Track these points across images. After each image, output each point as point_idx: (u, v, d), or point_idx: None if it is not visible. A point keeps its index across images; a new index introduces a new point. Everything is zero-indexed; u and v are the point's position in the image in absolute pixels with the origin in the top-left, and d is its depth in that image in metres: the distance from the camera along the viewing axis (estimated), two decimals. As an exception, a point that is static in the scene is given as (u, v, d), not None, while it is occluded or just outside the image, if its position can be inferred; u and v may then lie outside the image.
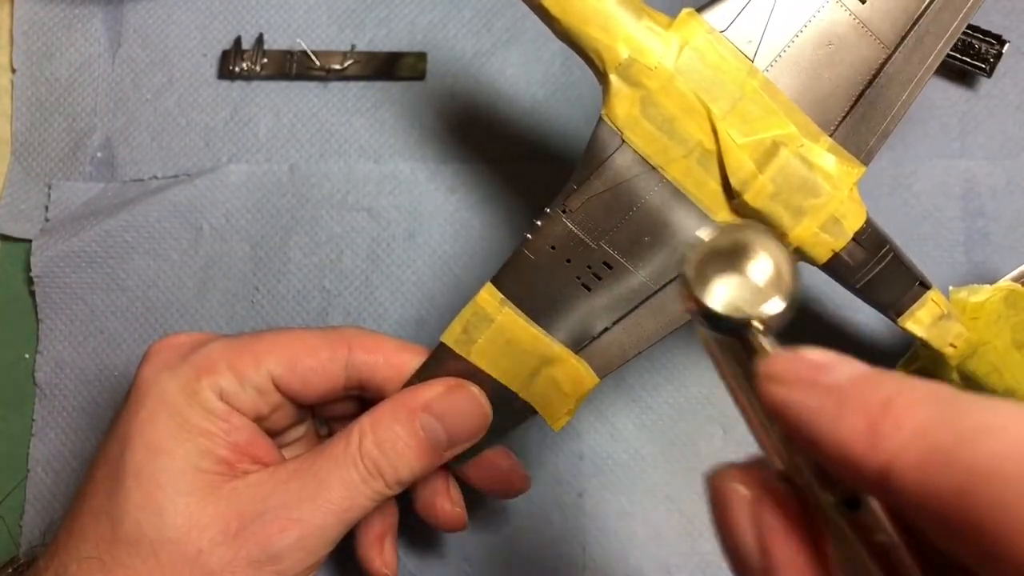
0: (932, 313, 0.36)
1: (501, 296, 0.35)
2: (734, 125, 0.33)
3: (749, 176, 0.33)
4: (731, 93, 0.33)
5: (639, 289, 0.34)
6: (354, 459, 0.34)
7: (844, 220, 0.33)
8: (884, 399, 0.19)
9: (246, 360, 0.35)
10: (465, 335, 0.35)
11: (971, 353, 0.37)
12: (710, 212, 0.34)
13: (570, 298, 0.35)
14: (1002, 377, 0.38)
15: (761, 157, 0.33)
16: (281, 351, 0.36)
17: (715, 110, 0.32)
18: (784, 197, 0.33)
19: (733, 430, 0.46)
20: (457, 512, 0.39)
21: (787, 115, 0.33)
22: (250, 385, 0.35)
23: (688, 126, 0.33)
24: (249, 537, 0.33)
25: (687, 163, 0.33)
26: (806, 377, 0.20)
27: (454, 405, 0.35)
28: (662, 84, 0.32)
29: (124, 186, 0.51)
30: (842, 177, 0.33)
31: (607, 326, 0.35)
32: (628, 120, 0.33)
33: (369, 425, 0.35)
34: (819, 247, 0.34)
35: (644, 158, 0.33)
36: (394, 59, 0.51)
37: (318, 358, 0.36)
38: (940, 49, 0.34)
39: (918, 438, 0.18)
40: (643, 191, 0.34)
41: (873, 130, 0.34)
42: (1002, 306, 0.38)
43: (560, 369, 0.35)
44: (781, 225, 0.33)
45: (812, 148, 0.33)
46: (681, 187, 0.33)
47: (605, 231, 0.34)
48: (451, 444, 0.35)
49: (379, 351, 0.37)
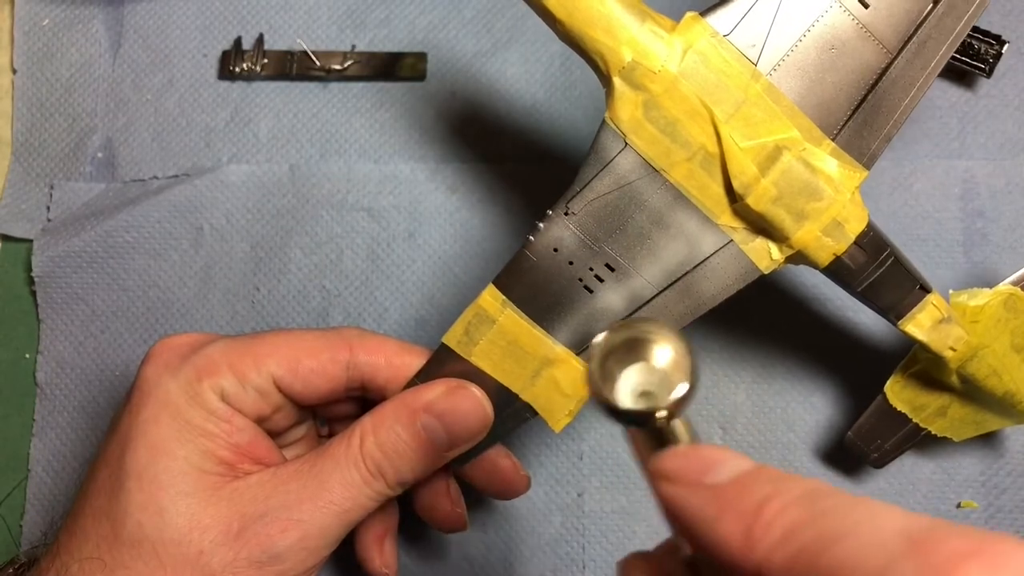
0: (932, 317, 0.36)
1: (503, 298, 0.35)
2: (737, 129, 0.33)
3: (752, 180, 0.33)
4: (734, 97, 0.33)
5: (641, 291, 0.34)
6: (356, 460, 0.34)
7: (846, 224, 0.34)
8: (759, 500, 0.20)
9: (247, 361, 0.35)
10: (467, 336, 0.35)
11: (971, 356, 0.37)
12: (712, 215, 0.34)
13: (572, 300, 0.35)
14: (1001, 379, 0.38)
15: (764, 161, 0.33)
16: (282, 352, 0.36)
17: (718, 114, 0.33)
18: (786, 201, 0.33)
19: (733, 430, 0.46)
20: (457, 513, 0.40)
21: (790, 119, 0.33)
22: (251, 386, 0.35)
23: (691, 129, 0.33)
24: (251, 538, 0.33)
25: (690, 166, 0.33)
26: (692, 477, 0.22)
27: (455, 406, 0.35)
28: (665, 88, 0.33)
29: (125, 186, 0.51)
30: (844, 181, 0.33)
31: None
32: (631, 123, 0.33)
33: (371, 426, 0.35)
34: (821, 251, 0.34)
35: (647, 161, 0.33)
36: (394, 59, 0.51)
37: (319, 359, 0.36)
38: (943, 54, 0.34)
39: (786, 540, 0.19)
40: (646, 194, 0.34)
41: (876, 134, 0.34)
42: (1001, 310, 0.38)
43: (561, 371, 0.35)
44: (783, 229, 0.33)
45: (815, 152, 0.33)
46: (684, 190, 0.33)
47: (608, 233, 0.34)
48: (452, 445, 0.35)
49: (380, 352, 0.37)
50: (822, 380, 0.46)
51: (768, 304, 0.46)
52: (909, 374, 0.39)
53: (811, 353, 0.46)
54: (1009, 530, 0.44)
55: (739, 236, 0.34)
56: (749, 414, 0.46)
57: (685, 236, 0.34)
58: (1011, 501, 0.44)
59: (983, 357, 0.37)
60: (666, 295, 0.34)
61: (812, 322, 0.46)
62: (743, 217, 0.34)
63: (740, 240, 0.34)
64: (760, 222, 0.33)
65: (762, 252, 0.34)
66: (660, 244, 0.34)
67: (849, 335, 0.46)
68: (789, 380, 0.46)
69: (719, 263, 0.34)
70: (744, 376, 0.46)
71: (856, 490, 0.44)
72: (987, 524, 0.44)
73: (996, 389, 0.38)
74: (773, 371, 0.46)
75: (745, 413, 0.46)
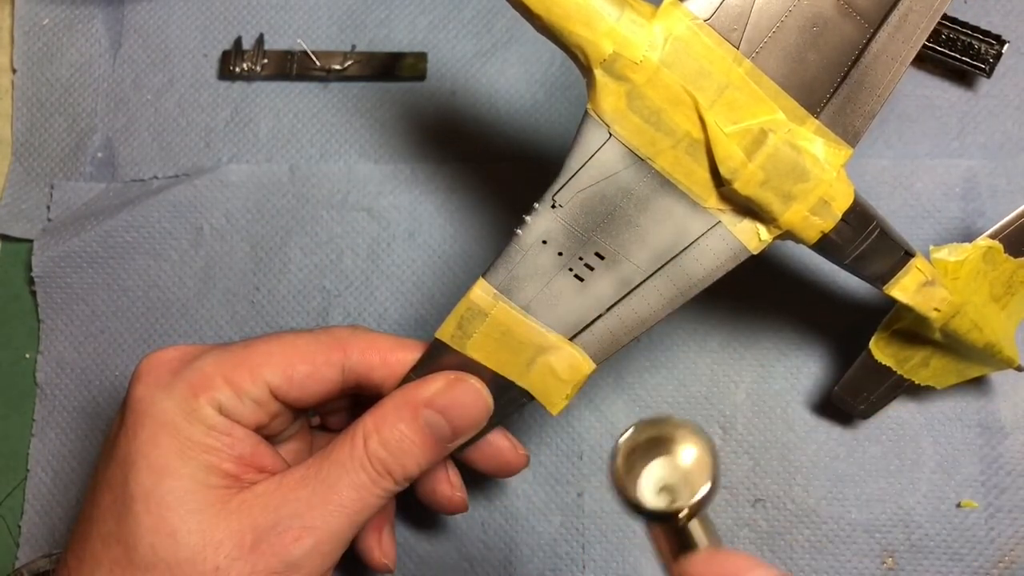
0: (917, 280, 0.36)
1: (494, 291, 0.35)
2: (721, 114, 0.33)
3: (739, 165, 0.33)
4: (717, 82, 0.33)
5: (631, 276, 0.35)
6: (362, 461, 0.34)
7: (833, 202, 0.34)
8: None
9: (242, 373, 0.35)
10: (460, 330, 0.35)
11: (954, 314, 0.38)
12: (700, 199, 0.34)
13: (563, 289, 0.35)
14: (982, 332, 0.39)
15: (749, 145, 0.33)
16: (277, 360, 0.36)
17: (702, 100, 0.32)
18: (774, 184, 0.33)
19: (733, 430, 0.46)
20: (458, 496, 0.40)
21: (774, 100, 0.33)
22: (248, 397, 0.35)
23: (675, 117, 0.33)
24: (266, 550, 0.33)
25: (675, 153, 0.33)
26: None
27: (456, 399, 0.35)
28: (648, 77, 0.32)
29: (125, 186, 0.51)
30: (830, 159, 0.34)
31: (600, 313, 0.35)
32: (615, 114, 0.33)
33: (373, 425, 0.35)
34: (809, 229, 0.34)
35: (632, 150, 0.33)
36: (394, 59, 0.51)
37: (314, 364, 0.36)
38: (924, 27, 0.34)
39: None
40: (632, 182, 0.34)
41: (859, 111, 0.34)
42: (980, 263, 0.39)
43: (556, 356, 0.36)
44: (771, 211, 0.33)
45: (800, 132, 0.33)
46: (670, 177, 0.34)
47: (596, 223, 0.34)
48: (456, 437, 0.36)
49: (374, 350, 0.37)
50: (822, 381, 0.46)
51: (768, 304, 0.46)
52: (893, 330, 0.40)
53: (811, 354, 0.46)
54: (1009, 530, 0.44)
55: (727, 218, 0.34)
56: (749, 414, 0.46)
57: (673, 221, 0.34)
58: (1011, 501, 0.44)
59: (965, 313, 0.38)
60: (656, 279, 0.35)
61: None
62: (730, 200, 0.34)
63: (728, 222, 0.34)
64: (748, 205, 0.33)
65: (750, 233, 0.34)
66: (648, 230, 0.34)
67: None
68: (790, 380, 0.46)
69: (708, 245, 0.34)
70: (744, 376, 0.46)
71: (856, 490, 0.44)
72: (987, 524, 0.44)
73: (977, 341, 0.39)
74: (773, 371, 0.46)
75: (745, 413, 0.46)
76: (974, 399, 0.45)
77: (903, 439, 0.45)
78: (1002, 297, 0.40)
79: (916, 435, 0.45)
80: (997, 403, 0.45)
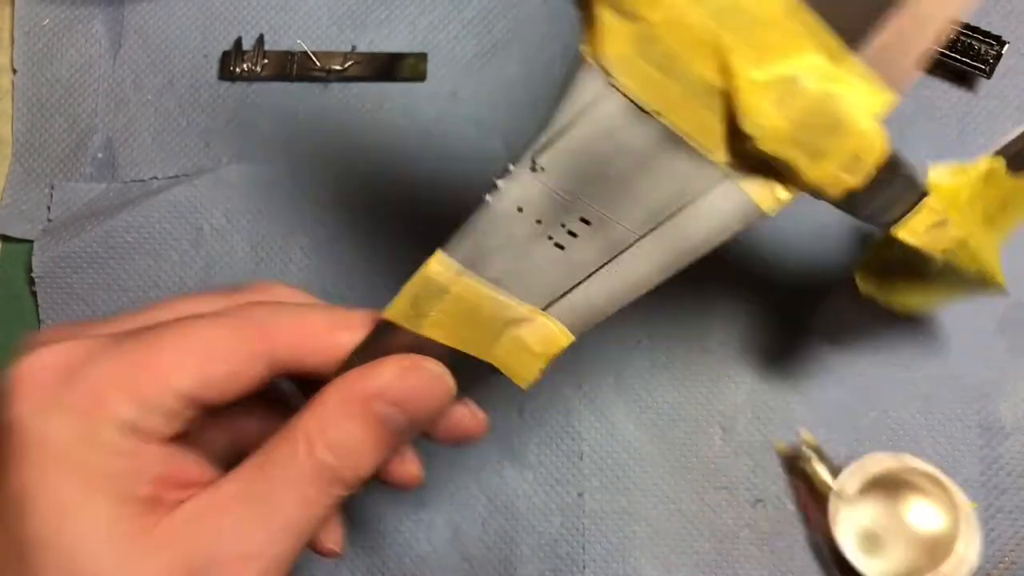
0: (926, 221, 0.32)
1: (457, 265, 0.30)
2: (749, 56, 0.26)
3: (765, 119, 0.27)
4: (748, 16, 0.26)
5: (621, 238, 0.29)
6: (306, 472, 0.29)
7: (867, 156, 0.28)
8: None
9: (147, 381, 0.28)
10: (414, 310, 0.30)
11: (956, 250, 0.35)
12: (708, 152, 0.28)
13: (540, 260, 0.30)
14: (980, 265, 0.36)
15: (779, 95, 0.27)
16: (188, 364, 0.29)
17: (727, 40, 0.26)
18: (802, 139, 0.27)
19: (733, 430, 0.46)
20: (412, 472, 0.34)
21: (811, 39, 0.27)
22: (157, 411, 0.28)
23: (692, 63, 0.26)
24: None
25: (687, 105, 0.27)
26: None
27: (413, 388, 0.30)
28: (667, 15, 0.26)
29: (125, 187, 0.51)
30: (870, 107, 0.28)
31: (579, 280, 0.30)
32: (619, 61, 0.26)
33: (317, 427, 0.29)
34: (835, 187, 0.29)
35: (636, 102, 0.27)
36: (395, 60, 0.51)
37: (234, 362, 0.29)
38: None
39: None
40: (632, 139, 0.28)
41: (908, 48, 0.27)
42: (980, 185, 0.35)
43: (528, 329, 0.31)
44: (796, 168, 0.28)
45: (837, 75, 0.27)
46: (678, 130, 0.28)
47: (584, 186, 0.28)
48: (414, 428, 0.31)
49: (305, 333, 0.31)
50: (823, 377, 0.46)
51: (768, 304, 0.47)
52: (884, 258, 0.37)
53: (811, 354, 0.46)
54: (1009, 531, 0.44)
55: (737, 174, 0.28)
56: (749, 414, 0.46)
57: (675, 176, 0.28)
58: (1011, 501, 0.44)
59: (966, 246, 0.35)
60: (648, 240, 0.29)
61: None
62: (745, 155, 0.28)
63: (738, 178, 0.28)
64: (769, 161, 0.28)
65: (765, 191, 0.29)
66: (644, 188, 0.28)
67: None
68: (790, 380, 0.46)
69: (713, 202, 0.29)
70: (744, 376, 0.46)
71: (856, 490, 0.45)
72: (987, 524, 0.44)
73: (974, 273, 0.37)
74: (773, 370, 0.46)
75: (745, 413, 0.46)
76: (974, 399, 0.45)
77: (903, 439, 0.45)
78: (996, 218, 0.37)
79: (916, 435, 0.45)
80: (997, 403, 0.45)
